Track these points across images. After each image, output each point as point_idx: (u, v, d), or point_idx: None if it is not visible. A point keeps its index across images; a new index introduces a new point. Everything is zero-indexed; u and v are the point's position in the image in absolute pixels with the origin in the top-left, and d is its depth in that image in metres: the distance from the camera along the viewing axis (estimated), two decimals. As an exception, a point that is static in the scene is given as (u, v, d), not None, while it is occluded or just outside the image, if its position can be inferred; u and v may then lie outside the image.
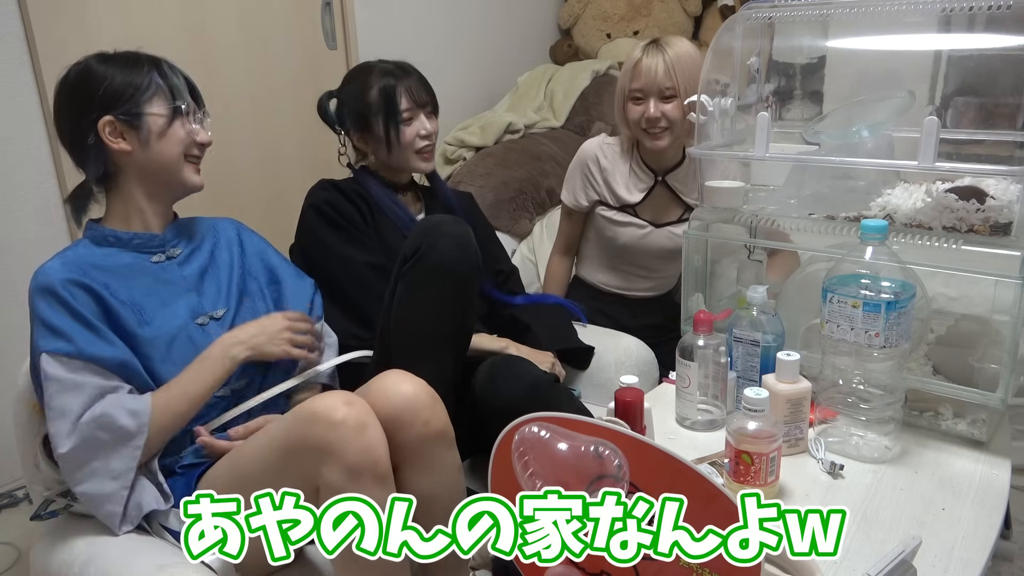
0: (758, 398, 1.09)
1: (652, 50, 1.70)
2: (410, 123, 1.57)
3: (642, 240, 1.84)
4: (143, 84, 1.16)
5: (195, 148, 1.23)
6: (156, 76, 1.18)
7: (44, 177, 1.84)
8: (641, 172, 1.84)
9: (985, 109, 1.43)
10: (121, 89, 1.15)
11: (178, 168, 1.21)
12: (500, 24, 3.00)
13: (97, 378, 1.08)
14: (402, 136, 1.56)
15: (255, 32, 2.16)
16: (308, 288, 1.40)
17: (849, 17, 1.40)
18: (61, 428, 1.05)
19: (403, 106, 1.55)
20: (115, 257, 1.19)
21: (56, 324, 1.08)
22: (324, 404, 0.98)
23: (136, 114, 1.16)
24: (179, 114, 1.19)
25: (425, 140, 1.58)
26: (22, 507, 1.86)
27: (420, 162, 1.60)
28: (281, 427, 1.03)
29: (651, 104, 1.70)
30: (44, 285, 1.09)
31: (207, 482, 1.10)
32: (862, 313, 1.13)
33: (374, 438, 0.98)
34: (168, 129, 1.18)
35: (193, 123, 1.22)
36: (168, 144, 1.18)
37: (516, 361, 1.37)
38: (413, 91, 1.57)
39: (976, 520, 1.06)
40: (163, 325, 1.17)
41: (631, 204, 1.83)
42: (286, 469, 1.00)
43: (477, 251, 1.32)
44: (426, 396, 1.10)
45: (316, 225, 1.53)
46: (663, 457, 0.86)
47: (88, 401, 1.06)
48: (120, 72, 1.16)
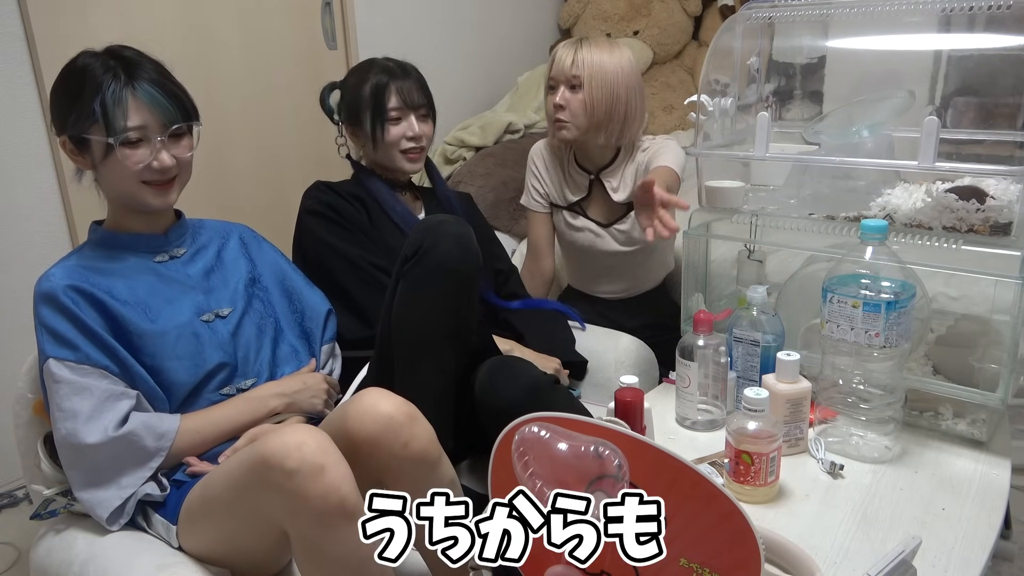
0: (758, 398, 1.09)
1: (570, 43, 1.73)
2: (397, 123, 1.56)
3: (598, 241, 1.85)
4: (84, 111, 1.10)
5: (151, 174, 1.15)
6: (97, 103, 1.09)
7: (44, 177, 1.84)
8: (576, 172, 1.85)
9: (985, 109, 1.43)
10: (68, 111, 1.12)
11: (132, 193, 1.16)
12: (500, 24, 3.00)
13: (105, 381, 1.09)
14: (387, 134, 1.56)
15: (255, 32, 2.16)
16: (323, 306, 1.40)
17: (849, 17, 1.40)
18: (73, 426, 1.06)
19: (391, 104, 1.55)
20: (118, 259, 1.19)
21: (60, 331, 1.08)
22: (275, 450, 0.91)
23: (82, 139, 1.12)
24: (112, 149, 1.11)
25: (411, 142, 1.57)
26: (22, 507, 1.86)
27: (405, 162, 1.59)
28: (237, 470, 0.99)
29: (559, 92, 1.71)
30: (47, 292, 1.09)
31: (187, 500, 1.09)
32: (862, 313, 1.13)
33: (334, 479, 0.91)
34: (107, 159, 1.12)
35: (152, 148, 1.14)
36: (112, 172, 1.14)
37: (515, 362, 1.37)
38: (405, 92, 1.56)
39: (976, 520, 1.06)
40: (169, 321, 1.17)
41: (575, 202, 1.85)
42: (251, 510, 0.98)
43: (478, 250, 1.32)
44: (404, 417, 1.06)
45: (316, 226, 1.53)
46: (663, 457, 0.86)
47: (97, 403, 1.07)
48: (71, 90, 1.12)
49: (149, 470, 1.09)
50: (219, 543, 1.05)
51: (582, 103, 1.70)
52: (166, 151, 1.15)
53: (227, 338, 1.23)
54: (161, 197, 1.17)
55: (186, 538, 1.07)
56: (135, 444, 1.08)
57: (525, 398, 1.27)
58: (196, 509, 1.06)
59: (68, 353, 1.08)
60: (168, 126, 1.15)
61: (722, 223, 1.49)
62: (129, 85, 1.12)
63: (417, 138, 1.57)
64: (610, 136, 1.73)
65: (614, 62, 1.69)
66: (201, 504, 1.06)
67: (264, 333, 1.29)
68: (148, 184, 1.16)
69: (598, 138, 1.74)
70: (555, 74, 1.73)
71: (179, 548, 1.08)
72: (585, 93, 1.69)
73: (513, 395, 1.28)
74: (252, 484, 0.96)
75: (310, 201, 1.56)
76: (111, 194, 1.19)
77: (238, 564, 1.07)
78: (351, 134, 1.63)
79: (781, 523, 1.06)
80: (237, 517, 1.01)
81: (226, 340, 1.22)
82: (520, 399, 1.27)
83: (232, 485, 1.00)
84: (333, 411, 1.17)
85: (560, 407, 1.32)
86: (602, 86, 1.67)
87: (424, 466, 1.07)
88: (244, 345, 1.25)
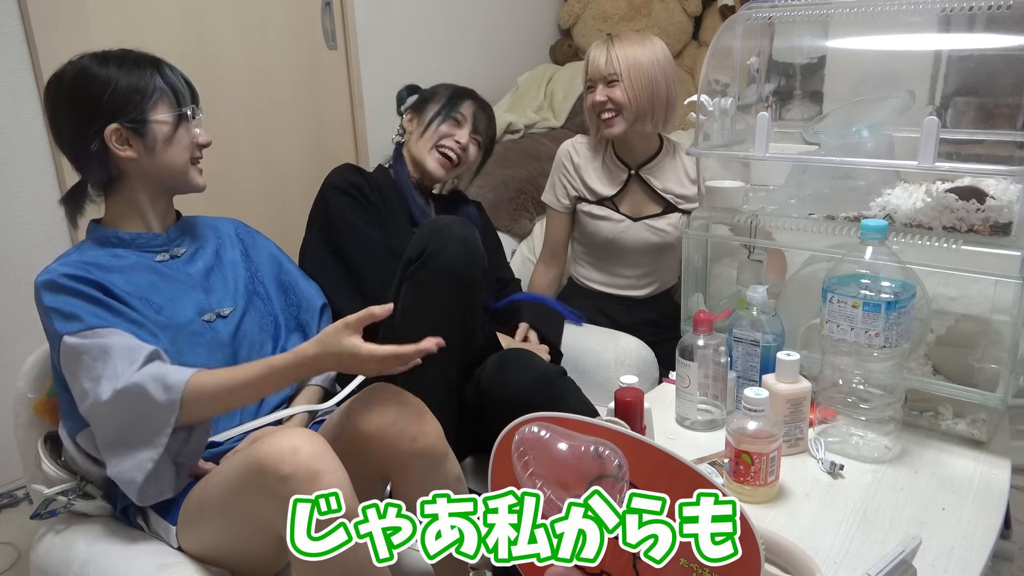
0: (758, 398, 1.09)
1: (601, 43, 1.79)
2: (454, 125, 1.66)
3: (623, 235, 1.86)
4: (148, 89, 1.13)
5: (198, 151, 1.22)
6: (159, 80, 1.15)
7: (44, 177, 1.83)
8: (614, 166, 1.87)
9: (985, 109, 1.43)
10: (126, 95, 1.12)
11: (184, 172, 1.20)
12: (500, 24, 3.00)
13: (121, 338, 1.05)
14: (440, 127, 1.65)
15: (255, 32, 2.16)
16: (318, 300, 1.41)
17: (849, 17, 1.40)
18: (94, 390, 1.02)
19: (462, 110, 1.66)
20: (119, 258, 1.18)
21: (67, 309, 1.06)
22: (270, 455, 0.91)
23: (142, 121, 1.13)
24: (184, 119, 1.17)
25: (449, 148, 1.65)
26: (22, 507, 1.86)
27: (436, 162, 1.66)
28: (233, 474, 0.99)
29: (598, 90, 1.77)
30: (47, 281, 1.08)
31: (186, 501, 1.09)
32: (862, 313, 1.13)
33: (329, 484, 0.90)
34: (174, 135, 1.16)
35: (195, 126, 1.21)
36: (175, 150, 1.17)
37: (523, 354, 1.37)
38: (478, 114, 1.68)
39: (976, 520, 1.06)
40: (172, 318, 1.17)
41: (608, 197, 1.86)
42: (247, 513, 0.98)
43: (483, 254, 1.32)
44: (412, 412, 1.07)
45: (340, 202, 1.57)
46: (663, 457, 0.86)
47: (115, 359, 1.03)
48: (123, 76, 1.12)
49: (167, 424, 1.01)
50: (217, 545, 1.05)
51: (624, 96, 1.74)
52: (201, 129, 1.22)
53: (228, 338, 1.22)
54: (202, 177, 1.23)
55: (185, 539, 1.07)
56: (143, 396, 1.01)
57: (534, 388, 1.28)
58: (194, 511, 1.06)
59: (78, 325, 1.05)
60: (196, 106, 1.21)
61: (722, 223, 1.49)
62: (171, 69, 1.18)
63: (460, 147, 1.66)
64: (656, 123, 1.79)
65: (647, 52, 1.74)
66: (199, 506, 1.05)
67: (265, 331, 1.29)
68: (193, 164, 1.21)
69: (645, 127, 1.78)
70: (591, 74, 1.79)
71: (178, 548, 1.08)
72: (624, 86, 1.74)
73: (522, 386, 1.29)
74: (248, 488, 0.96)
75: (336, 177, 1.61)
76: (159, 177, 1.18)
77: (236, 565, 1.07)
78: (409, 119, 1.72)
79: (781, 523, 1.06)
80: (234, 520, 1.01)
81: (227, 340, 1.22)
82: (529, 389, 1.28)
83: (228, 489, 1.00)
84: (341, 406, 1.17)
85: (569, 397, 1.33)
86: (640, 76, 1.73)
87: (431, 461, 1.08)
88: (246, 344, 1.25)
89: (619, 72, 1.74)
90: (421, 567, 1.13)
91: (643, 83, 1.72)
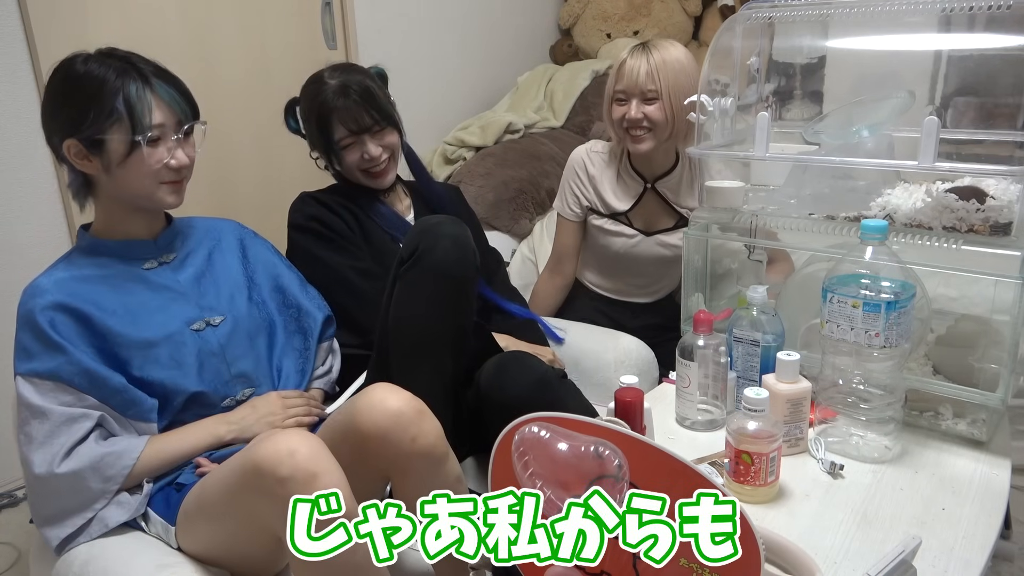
0: (758, 398, 1.09)
1: (638, 52, 1.68)
2: (350, 148, 1.51)
3: (634, 249, 1.82)
4: (105, 110, 1.08)
5: (168, 173, 1.15)
6: (120, 101, 1.09)
7: (44, 177, 1.84)
8: (630, 179, 1.81)
9: (985, 109, 1.43)
10: (83, 112, 1.09)
11: (149, 192, 1.15)
12: (500, 24, 3.01)
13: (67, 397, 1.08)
14: (344, 162, 1.53)
15: (255, 32, 2.16)
16: (319, 311, 1.39)
17: (849, 17, 1.40)
18: (27, 452, 1.07)
19: (338, 135, 1.50)
20: (106, 267, 1.17)
21: (28, 347, 1.08)
22: (267, 457, 0.91)
23: (97, 140, 1.10)
24: (138, 147, 1.11)
25: (370, 163, 1.52)
26: (22, 507, 1.86)
27: (370, 181, 1.56)
28: (231, 475, 1.00)
29: (633, 105, 1.67)
30: (27, 310, 1.09)
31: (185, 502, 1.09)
32: (862, 313, 1.13)
33: (328, 485, 0.90)
34: (127, 159, 1.11)
35: (168, 146, 1.14)
36: (131, 175, 1.13)
37: (522, 357, 1.37)
38: (349, 118, 1.48)
39: (976, 520, 1.06)
40: (158, 331, 1.16)
41: (622, 212, 1.81)
42: (245, 515, 0.99)
43: (476, 252, 1.32)
44: (413, 412, 1.07)
45: (302, 240, 1.52)
46: (663, 457, 0.86)
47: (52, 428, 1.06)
48: (86, 90, 1.09)
49: (92, 511, 1.08)
50: (216, 545, 1.06)
51: (663, 115, 1.65)
52: (181, 149, 1.16)
53: (218, 347, 1.22)
54: (176, 195, 1.18)
55: (184, 539, 1.07)
56: (78, 485, 1.06)
57: (532, 393, 1.27)
58: (193, 512, 1.06)
59: (34, 367, 1.07)
60: (183, 124, 1.16)
61: (722, 223, 1.49)
62: (148, 84, 1.12)
63: (374, 159, 1.52)
64: (683, 139, 1.70)
65: (686, 71, 1.65)
66: (197, 507, 1.06)
67: (256, 340, 1.28)
68: (164, 183, 1.16)
69: (674, 144, 1.72)
70: (626, 86, 1.68)
71: (178, 548, 1.08)
72: (665, 105, 1.65)
73: (521, 390, 1.28)
74: (245, 490, 0.96)
75: (295, 215, 1.54)
76: (123, 196, 1.16)
77: (235, 566, 1.07)
78: (318, 157, 1.59)
79: (781, 523, 1.06)
80: (232, 521, 1.01)
81: (217, 349, 1.21)
82: (528, 394, 1.27)
83: (226, 490, 1.00)
84: (342, 406, 1.17)
85: (568, 400, 1.33)
86: (681, 96, 1.60)
87: (431, 461, 1.08)
88: (239, 352, 1.24)
89: (660, 90, 1.64)
90: (421, 567, 1.13)
91: (683, 104, 1.58)
